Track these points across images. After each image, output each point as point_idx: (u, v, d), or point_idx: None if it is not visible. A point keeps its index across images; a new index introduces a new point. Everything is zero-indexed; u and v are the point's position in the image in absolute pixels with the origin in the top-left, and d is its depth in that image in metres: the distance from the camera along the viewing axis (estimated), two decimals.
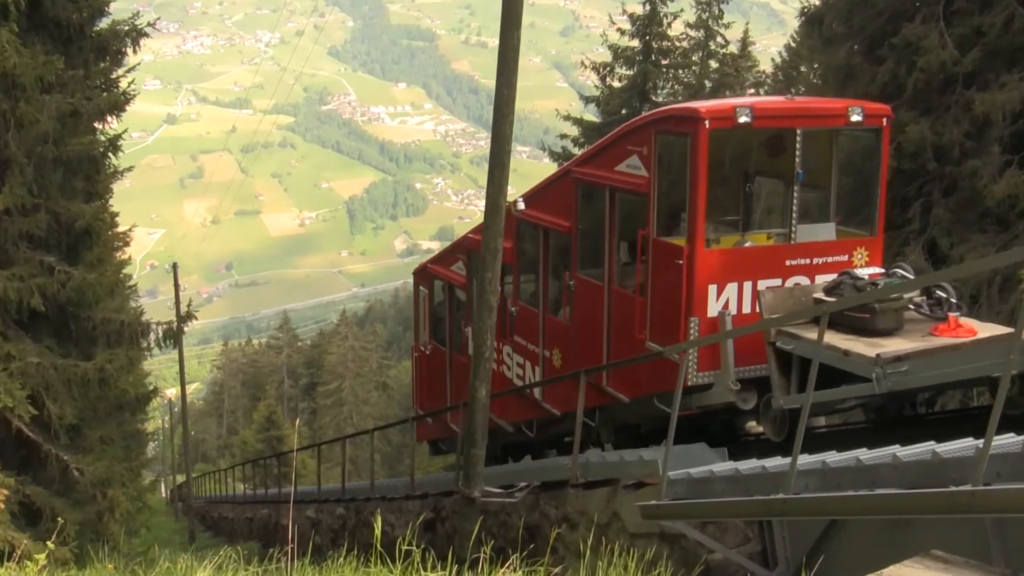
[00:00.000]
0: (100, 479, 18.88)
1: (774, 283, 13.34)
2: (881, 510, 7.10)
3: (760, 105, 13.88)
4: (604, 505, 12.52)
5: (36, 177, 17.59)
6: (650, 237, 13.80)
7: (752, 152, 14.64)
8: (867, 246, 14.06)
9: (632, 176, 14.13)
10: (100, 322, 19.54)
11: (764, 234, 14.56)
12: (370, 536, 7.77)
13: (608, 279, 14.92)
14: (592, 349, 15.27)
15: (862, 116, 13.79)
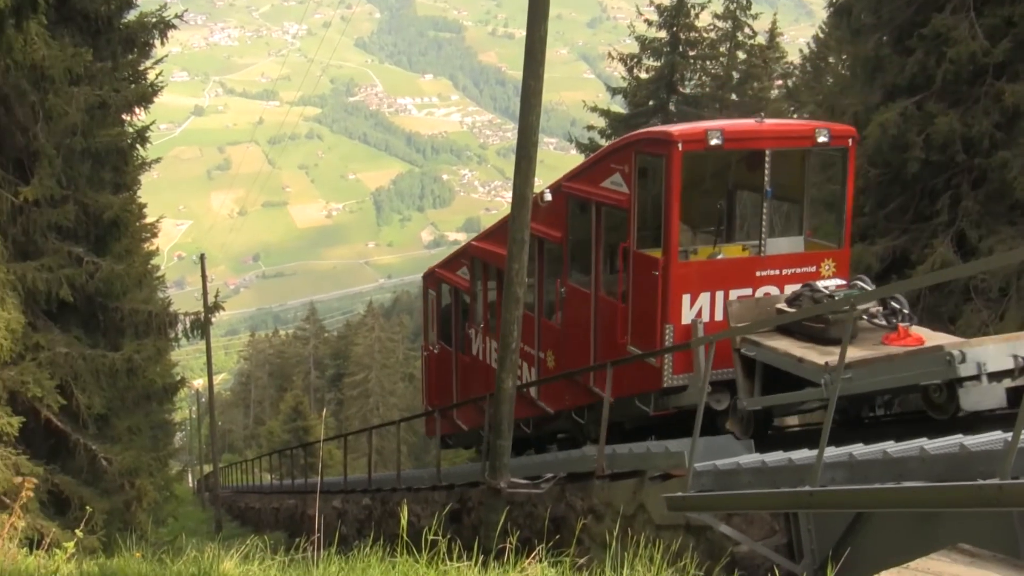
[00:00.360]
0: (128, 468, 19.00)
1: (745, 293, 14.33)
2: (908, 503, 7.06)
3: (731, 128, 14.66)
4: (630, 496, 12.51)
5: (65, 168, 17.70)
6: (631, 249, 14.82)
7: (724, 171, 15.57)
8: (834, 258, 15.03)
9: (615, 192, 15.16)
10: (128, 312, 19.65)
11: (739, 246, 15.36)
12: (396, 526, 7.79)
13: (595, 287, 15.97)
14: (581, 352, 16.31)
15: (828, 137, 14.71)
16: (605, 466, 13.41)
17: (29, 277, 16.79)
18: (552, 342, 17.73)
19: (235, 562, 8.98)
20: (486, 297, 21.21)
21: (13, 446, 16.65)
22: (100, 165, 19.34)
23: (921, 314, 21.42)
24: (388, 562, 8.10)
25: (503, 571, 7.61)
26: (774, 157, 14.71)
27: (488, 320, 20.91)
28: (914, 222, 22.12)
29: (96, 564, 9.72)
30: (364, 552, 8.45)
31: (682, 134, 14.19)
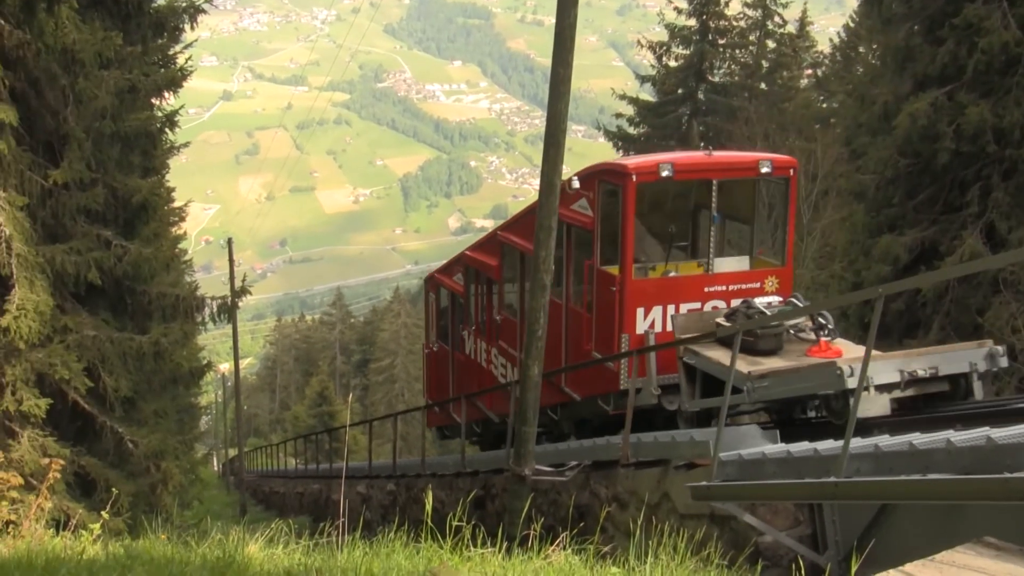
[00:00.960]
0: (154, 451, 19.08)
1: (694, 307, 16.02)
2: (934, 495, 7.03)
3: (681, 161, 16.37)
4: (654, 485, 12.50)
5: (94, 152, 17.76)
6: (594, 266, 16.54)
7: (676, 198, 17.15)
8: (778, 275, 16.51)
9: (582, 215, 16.97)
10: (155, 296, 19.72)
11: (695, 263, 16.87)
12: (420, 512, 7.83)
13: (566, 298, 17.67)
14: (555, 356, 17.47)
15: (771, 168, 16.34)
16: (630, 454, 13.41)
17: (58, 260, 16.87)
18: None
19: (260, 546, 9.04)
20: (478, 302, 22.85)
21: (40, 428, 16.78)
22: (129, 149, 19.41)
23: (949, 306, 21.33)
24: (412, 547, 8.14)
25: (527, 558, 7.63)
26: (721, 186, 16.35)
27: (479, 323, 22.67)
28: (944, 213, 21.99)
29: (122, 546, 9.81)
30: (388, 537, 8.49)
31: (636, 167, 15.95)
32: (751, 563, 8.51)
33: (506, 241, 20.42)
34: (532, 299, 13.32)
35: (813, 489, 8.17)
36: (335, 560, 7.81)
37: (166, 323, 19.93)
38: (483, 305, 22.45)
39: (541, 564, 7.30)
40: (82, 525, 12.27)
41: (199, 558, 8.26)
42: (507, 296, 21.04)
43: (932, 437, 7.73)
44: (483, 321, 22.39)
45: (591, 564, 7.25)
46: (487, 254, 21.86)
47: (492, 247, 21.42)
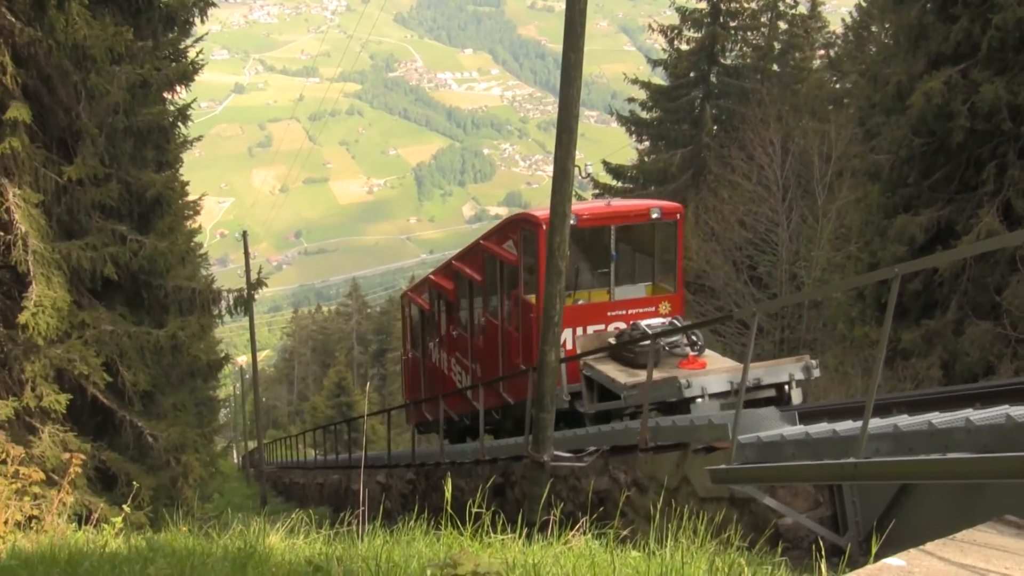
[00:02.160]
0: (174, 445, 19.17)
1: (600, 328, 19.43)
2: (954, 474, 7.02)
3: (584, 211, 19.80)
4: (674, 469, 12.50)
5: (107, 147, 17.80)
6: (520, 295, 19.78)
7: (582, 241, 19.92)
8: (670, 300, 19.94)
9: (510, 253, 20.43)
10: (172, 290, 19.78)
11: (605, 291, 20.11)
12: (440, 500, 7.85)
13: (501, 320, 21.06)
14: (495, 366, 21.25)
15: (660, 214, 19.81)
16: (649, 439, 13.41)
17: (74, 256, 16.93)
18: (479, 357, 22.85)
19: (281, 536, 9.07)
20: (440, 318, 26.35)
21: (61, 423, 16.85)
22: (142, 143, 19.46)
23: (966, 285, 21.25)
24: (433, 535, 8.16)
25: (547, 544, 7.64)
26: (618, 230, 19.86)
27: (441, 336, 26.27)
28: (959, 192, 21.89)
29: (144, 539, 9.86)
30: (409, 525, 8.51)
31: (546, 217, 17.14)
32: (771, 545, 8.50)
33: (459, 269, 24.15)
34: (549, 285, 13.32)
35: (833, 470, 8.16)
36: (356, 549, 7.83)
37: (183, 316, 19.99)
38: (444, 321, 26.01)
39: (561, 550, 7.31)
40: (104, 519, 12.30)
41: (220, 549, 8.30)
42: (461, 315, 24.47)
43: (951, 416, 7.71)
44: (444, 335, 26.08)
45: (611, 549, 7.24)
46: (445, 278, 25.67)
47: (449, 273, 25.33)
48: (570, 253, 17.81)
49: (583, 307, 19.90)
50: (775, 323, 31.83)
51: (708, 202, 36.16)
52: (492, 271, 21.77)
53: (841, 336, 28.12)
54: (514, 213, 21.77)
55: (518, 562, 6.42)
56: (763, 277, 33.85)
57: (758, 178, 33.69)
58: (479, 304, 22.99)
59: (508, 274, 20.75)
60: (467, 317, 23.87)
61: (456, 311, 24.92)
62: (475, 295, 23.27)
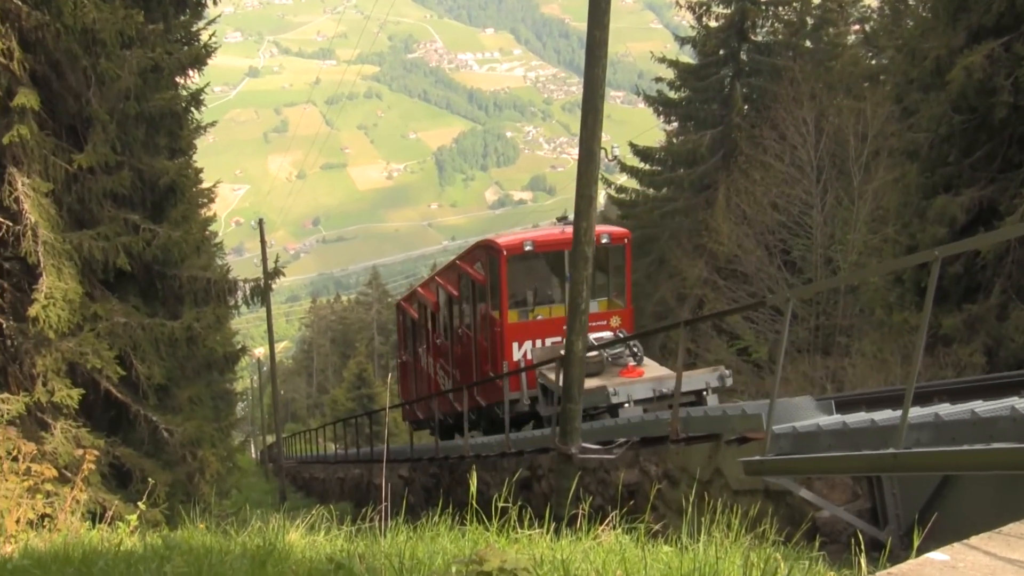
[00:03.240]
0: (190, 440, 19.20)
1: (557, 340, 21.98)
2: (999, 465, 6.96)
3: (540, 238, 23.49)
4: (706, 461, 12.47)
5: (119, 134, 17.80)
6: (487, 311, 23.52)
7: (540, 264, 24.11)
8: (621, 315, 23.31)
9: (478, 274, 24.16)
10: (186, 280, 19.79)
11: (561, 307, 23.18)
12: (465, 495, 7.86)
13: (474, 331, 24.82)
14: (470, 372, 25.09)
15: (609, 239, 23.41)
16: (680, 429, 13.39)
17: (86, 246, 16.95)
18: (458, 363, 26.68)
19: (301, 533, 9.09)
20: (426, 327, 30.40)
21: (73, 418, 16.91)
22: (155, 130, 19.45)
23: (1010, 267, 21.10)
24: (458, 530, 8.16)
25: (576, 539, 7.63)
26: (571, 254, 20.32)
27: (428, 343, 30.33)
28: (1002, 171, 21.70)
29: (160, 537, 9.88)
30: (433, 521, 8.51)
31: (506, 244, 23.33)
32: (808, 540, 8.46)
33: (440, 284, 28.22)
34: (575, 272, 13.29)
35: (871, 461, 8.12)
36: (378, 545, 7.84)
37: (198, 307, 20.03)
38: (429, 330, 30.09)
39: (591, 544, 7.30)
40: (119, 517, 12.35)
41: (239, 547, 8.32)
42: (442, 325, 28.28)
43: (995, 405, 7.65)
44: (430, 342, 30.09)
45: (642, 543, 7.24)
46: (430, 292, 29.96)
47: (433, 287, 29.57)
48: (528, 275, 24.43)
49: (542, 322, 23.63)
50: (810, 309, 31.71)
51: (739, 184, 36.03)
52: (465, 288, 25.63)
53: (879, 322, 27.98)
54: (481, 239, 26.08)
55: (546, 558, 6.41)
56: (797, 261, 33.76)
57: (791, 159, 33.53)
58: (457, 316, 26.69)
59: (478, 292, 24.48)
60: (447, 327, 27.70)
61: (439, 321, 28.86)
62: (453, 308, 27.00)
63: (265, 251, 45.72)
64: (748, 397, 26.13)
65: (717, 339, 35.39)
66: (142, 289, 19.61)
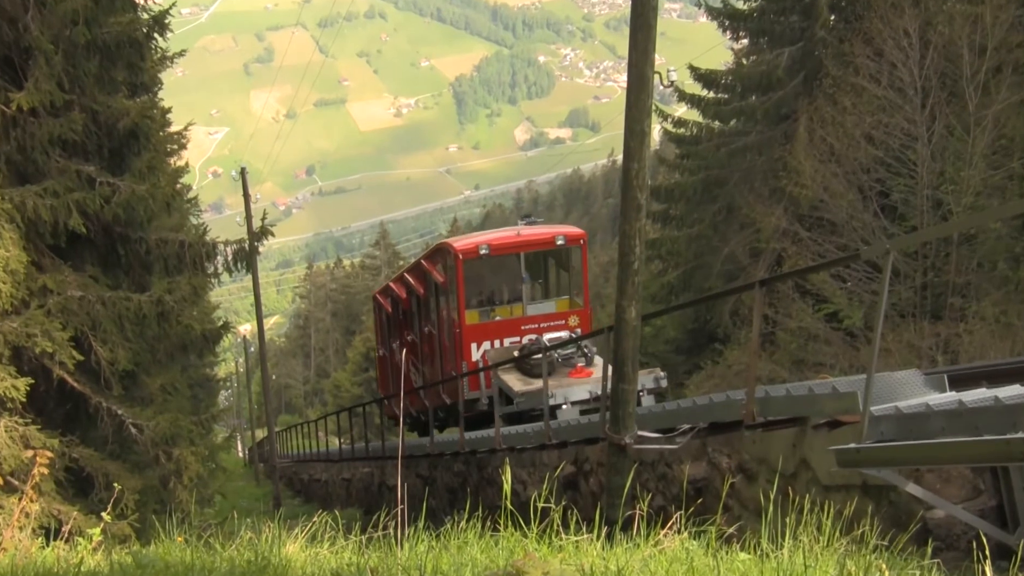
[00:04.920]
0: (163, 437, 19.23)
1: (515, 340, 28.02)
2: None
3: (495, 241, 28.99)
4: (789, 450, 12.43)
5: (66, 68, 17.76)
6: (447, 312, 28.88)
7: (497, 266, 29.04)
8: (578, 315, 28.63)
9: (440, 275, 29.47)
10: (155, 244, 19.82)
11: (519, 307, 28.93)
12: (497, 496, 7.88)
13: (438, 331, 30.14)
14: (436, 371, 30.30)
15: (564, 240, 28.73)
16: (756, 412, 13.34)
17: (30, 205, 16.94)
18: (425, 361, 32.11)
19: (300, 544, 9.11)
20: (399, 322, 36.07)
21: (20, 414, 16.92)
22: (110, 62, 19.42)
23: None
24: (489, 538, 8.16)
25: (632, 545, 7.63)
26: (527, 256, 29.16)
27: (402, 339, 35.50)
28: None
29: (129, 554, 9.92)
30: (459, 527, 8.52)
31: (462, 247, 28.58)
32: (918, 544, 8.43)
33: (409, 282, 33.46)
34: (625, 223, 13.24)
35: (997, 448, 8.05)
36: (394, 557, 7.86)
37: (170, 277, 20.09)
38: (402, 326, 35.48)
39: (651, 552, 7.29)
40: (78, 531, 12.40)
41: (226, 563, 8.35)
42: (412, 322, 33.77)
43: None
44: (402, 338, 35.24)
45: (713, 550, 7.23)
46: (402, 287, 35.20)
47: (404, 283, 34.57)
48: (485, 277, 29.42)
49: (501, 322, 28.65)
50: (915, 264, 31.49)
51: (825, 113, 35.78)
52: (430, 288, 30.93)
53: (1002, 278, 27.82)
54: (439, 241, 33.06)
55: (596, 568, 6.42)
56: (898, 206, 33.51)
57: (889, 80, 33.24)
58: (424, 315, 32.11)
59: (440, 292, 29.85)
60: (417, 324, 33.08)
61: (410, 318, 34.35)
62: (421, 307, 32.51)
63: (249, 207, 45.72)
64: (840, 372, 26.04)
65: (800, 303, 35.12)
66: (101, 256, 19.65)
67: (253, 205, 46.35)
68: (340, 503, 35.35)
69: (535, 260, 29.89)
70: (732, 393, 14.57)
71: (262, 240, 24.17)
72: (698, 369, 44.11)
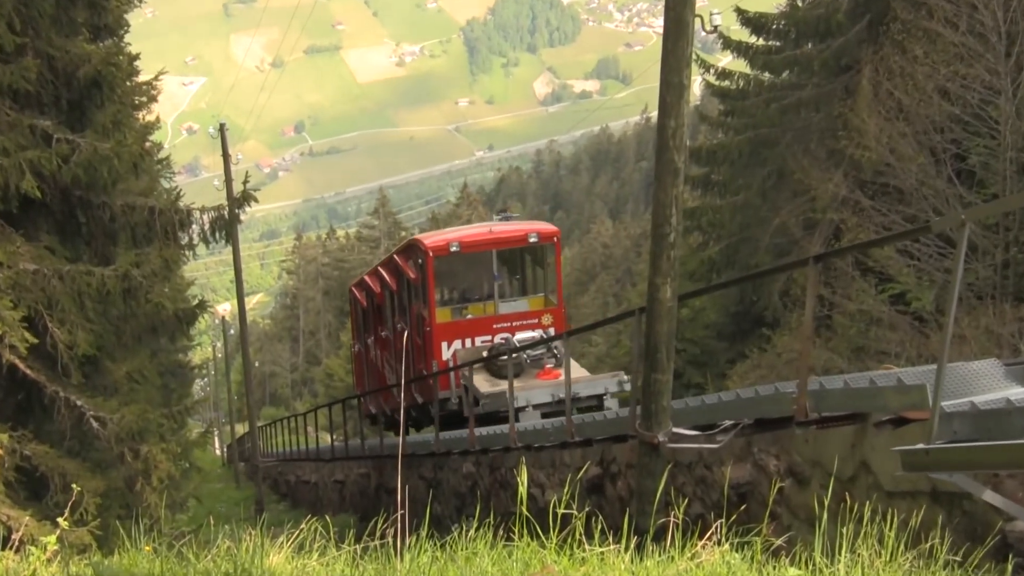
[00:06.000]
0: (129, 432, 19.21)
1: (487, 339, 30.53)
2: None
3: (466, 238, 31.68)
4: (847, 451, 12.42)
5: (17, 6, 17.73)
6: (419, 310, 31.58)
7: (468, 264, 31.98)
8: (552, 313, 31.39)
9: (412, 272, 32.09)
10: (121, 210, 19.81)
11: (491, 305, 31.70)
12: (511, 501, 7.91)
13: (411, 328, 32.40)
14: (409, 369, 32.66)
15: (537, 238, 31.34)
16: (809, 407, 13.33)
17: None
18: (398, 359, 34.22)
19: (286, 555, 9.11)
20: (374, 317, 39.24)
21: None
22: (69, 1, 19.41)
23: None
24: (503, 548, 8.17)
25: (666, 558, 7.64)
26: (499, 254, 31.89)
27: (376, 334, 38.86)
28: None
29: (89, 565, 9.95)
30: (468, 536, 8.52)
31: (432, 244, 31.36)
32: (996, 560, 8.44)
33: (382, 276, 36.62)
34: (660, 189, 13.24)
35: None
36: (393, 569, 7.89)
37: (138, 248, 20.12)
38: (376, 321, 38.77)
39: (687, 566, 7.31)
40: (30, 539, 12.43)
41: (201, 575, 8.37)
42: (386, 317, 36.78)
43: None
44: (377, 334, 38.66)
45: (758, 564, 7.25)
46: (376, 281, 38.05)
47: (377, 277, 37.69)
48: (456, 274, 32.66)
49: (473, 321, 31.35)
50: (995, 238, 31.38)
51: (893, 63, 35.65)
52: (402, 284, 33.83)
53: None
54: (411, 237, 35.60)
55: None
56: (976, 170, 33.41)
57: (969, 24, 33.07)
58: (397, 311, 35.00)
59: (411, 288, 32.64)
60: (390, 321, 36.05)
61: (384, 314, 37.42)
62: (394, 302, 35.52)
63: (229, 168, 45.82)
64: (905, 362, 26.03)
65: (861, 281, 34.98)
66: (59, 224, 19.68)
67: (234, 166, 46.43)
68: (332, 508, 35.48)
69: (507, 258, 33.33)
70: (781, 385, 14.56)
71: (244, 207, 24.14)
72: (742, 358, 44.17)
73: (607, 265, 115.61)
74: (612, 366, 55.75)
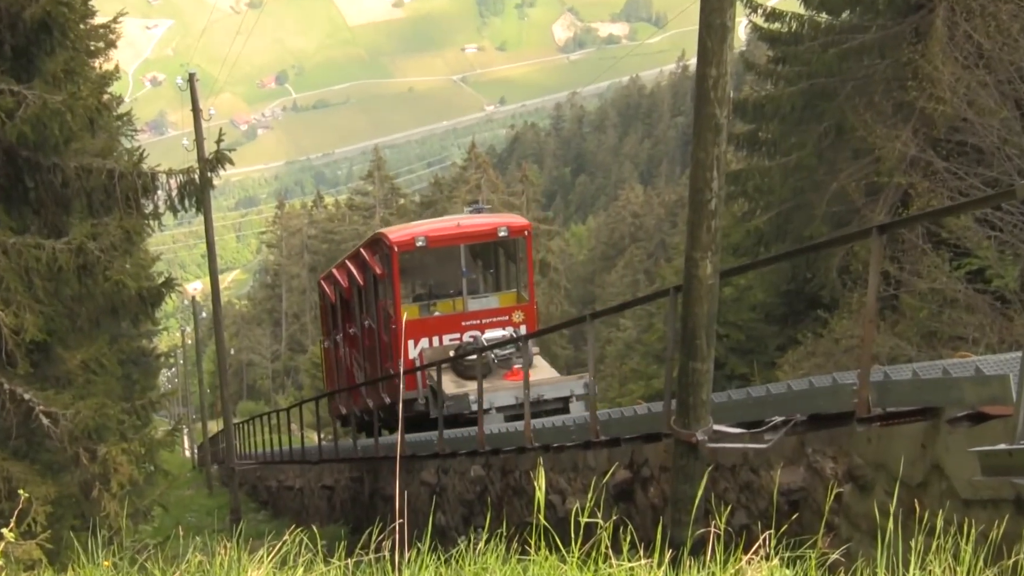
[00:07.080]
0: (85, 430, 19.23)
1: (455, 337, 33.14)
2: None
3: (433, 233, 34.48)
4: (916, 452, 12.41)
5: None
6: (385, 306, 33.97)
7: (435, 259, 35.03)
8: (523, 310, 33.81)
9: (379, 267, 34.48)
10: (75, 174, 19.83)
11: (460, 301, 34.44)
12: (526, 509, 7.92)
13: (377, 325, 35.26)
14: (376, 368, 35.53)
15: (507, 232, 33.82)
16: (872, 401, 13.30)
17: None
18: (366, 356, 37.64)
19: (267, 571, 9.11)
20: (343, 313, 41.92)
21: None
22: None
23: None
24: (516, 562, 8.17)
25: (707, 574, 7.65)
26: (467, 249, 34.31)
27: (345, 331, 41.86)
28: None
29: None
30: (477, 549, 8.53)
31: (397, 239, 33.63)
32: None
33: (350, 270, 39.03)
34: (699, 149, 13.21)
35: None
36: None
37: (95, 217, 20.13)
38: (345, 317, 41.54)
39: None
40: None
41: None
42: (354, 314, 39.47)
43: None
44: (345, 330, 41.65)
45: None
46: (344, 275, 40.26)
47: (345, 271, 40.03)
48: (423, 270, 35.90)
49: (441, 318, 34.00)
50: None
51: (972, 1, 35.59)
52: (369, 280, 36.23)
53: None
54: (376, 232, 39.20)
55: None
56: None
57: None
58: (364, 307, 37.60)
59: (378, 284, 35.09)
60: (358, 317, 38.63)
61: (352, 310, 40.03)
62: (361, 298, 38.04)
63: (200, 125, 45.74)
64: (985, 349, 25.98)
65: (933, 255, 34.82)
66: (3, 189, 19.70)
67: (206, 123, 46.30)
68: (320, 518, 35.59)
69: (477, 252, 36.28)
70: (840, 376, 14.52)
71: (217, 170, 24.14)
72: (795, 344, 44.20)
73: (637, 237, 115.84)
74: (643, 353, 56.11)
